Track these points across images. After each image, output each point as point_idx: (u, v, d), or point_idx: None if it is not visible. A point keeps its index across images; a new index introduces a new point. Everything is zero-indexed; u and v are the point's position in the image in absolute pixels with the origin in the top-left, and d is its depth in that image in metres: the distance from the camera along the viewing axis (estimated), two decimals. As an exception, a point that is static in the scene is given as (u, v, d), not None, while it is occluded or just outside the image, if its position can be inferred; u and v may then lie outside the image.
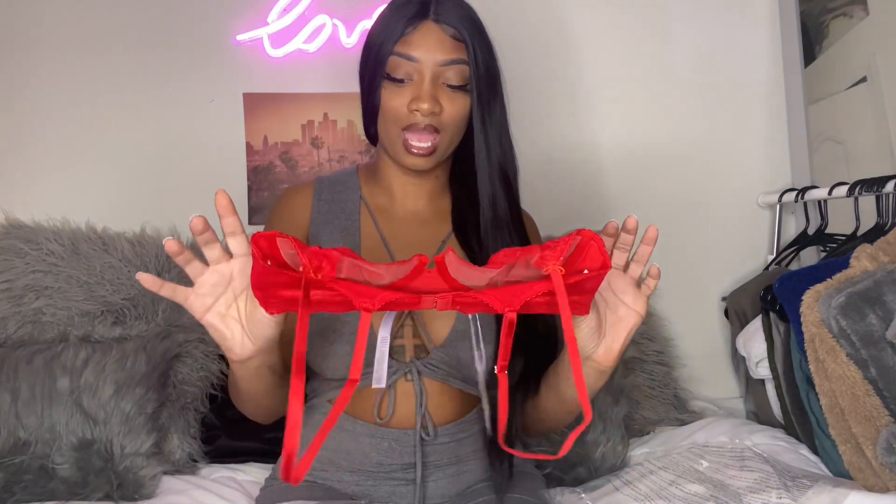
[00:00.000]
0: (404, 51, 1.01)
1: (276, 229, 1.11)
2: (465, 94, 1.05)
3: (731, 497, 1.16)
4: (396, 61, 1.02)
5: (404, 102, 1.02)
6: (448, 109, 1.03)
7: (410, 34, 1.01)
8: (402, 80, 1.02)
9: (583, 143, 1.87)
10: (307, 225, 1.12)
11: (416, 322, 1.06)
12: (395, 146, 1.06)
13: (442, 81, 1.03)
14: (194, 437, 1.47)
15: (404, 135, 1.04)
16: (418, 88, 1.02)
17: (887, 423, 1.10)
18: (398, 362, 1.05)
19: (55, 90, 1.74)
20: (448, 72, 1.03)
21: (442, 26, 1.02)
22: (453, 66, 1.02)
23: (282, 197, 1.17)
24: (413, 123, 1.03)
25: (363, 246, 1.11)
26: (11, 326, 1.50)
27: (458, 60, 1.02)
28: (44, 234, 1.60)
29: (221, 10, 1.78)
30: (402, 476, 1.05)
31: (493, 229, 1.08)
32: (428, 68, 1.02)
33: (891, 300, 1.12)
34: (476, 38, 1.04)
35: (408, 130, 1.04)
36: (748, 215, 1.91)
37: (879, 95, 1.54)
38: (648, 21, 1.89)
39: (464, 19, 1.03)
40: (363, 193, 1.15)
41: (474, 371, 1.05)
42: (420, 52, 1.01)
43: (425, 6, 1.02)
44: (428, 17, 1.02)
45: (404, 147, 1.04)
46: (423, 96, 1.01)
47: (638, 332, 1.66)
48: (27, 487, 1.27)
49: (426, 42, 1.01)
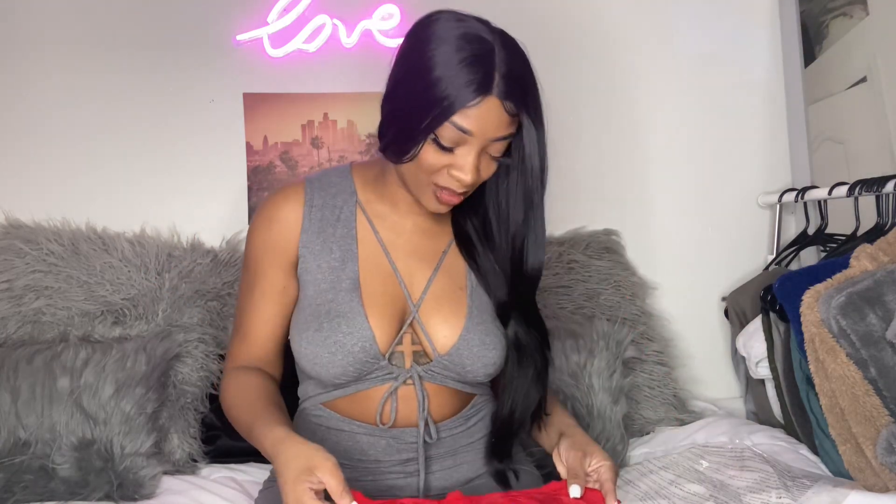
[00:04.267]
0: (461, 123, 0.95)
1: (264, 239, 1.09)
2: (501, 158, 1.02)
3: (730, 497, 1.16)
4: (450, 129, 0.95)
5: (445, 163, 0.98)
6: (484, 173, 1.01)
7: (473, 108, 0.94)
8: (451, 148, 0.97)
9: (582, 142, 1.87)
10: (297, 235, 1.09)
11: (418, 330, 1.07)
12: (420, 189, 1.03)
13: (487, 150, 0.99)
14: (194, 437, 1.47)
15: (435, 187, 1.01)
16: (464, 158, 0.97)
17: (887, 423, 1.10)
18: (398, 369, 1.05)
19: (55, 90, 1.74)
20: (496, 145, 0.99)
21: (504, 103, 0.95)
22: (502, 141, 0.99)
23: (268, 205, 1.12)
24: (448, 187, 1.00)
25: (360, 254, 1.09)
26: (11, 326, 1.50)
27: (509, 136, 0.99)
28: (44, 234, 1.60)
29: (221, 10, 1.78)
30: (400, 470, 1.06)
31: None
32: (479, 143, 0.97)
33: (891, 300, 1.12)
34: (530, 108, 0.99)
35: (440, 188, 1.01)
36: (748, 215, 1.91)
37: (879, 95, 1.54)
38: (648, 21, 1.89)
39: (524, 90, 0.98)
40: (360, 198, 1.12)
41: (477, 375, 1.07)
42: (477, 128, 0.95)
43: (490, 71, 0.94)
44: (492, 91, 0.94)
45: (433, 195, 1.02)
46: (467, 169, 0.97)
47: (638, 332, 1.68)
48: (27, 487, 1.27)
49: (486, 118, 0.95)
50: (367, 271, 1.08)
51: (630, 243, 1.85)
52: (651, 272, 1.85)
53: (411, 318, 1.06)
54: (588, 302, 1.71)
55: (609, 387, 1.46)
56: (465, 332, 1.06)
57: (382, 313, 1.05)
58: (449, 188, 1.00)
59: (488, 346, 1.07)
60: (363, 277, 1.07)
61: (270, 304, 1.10)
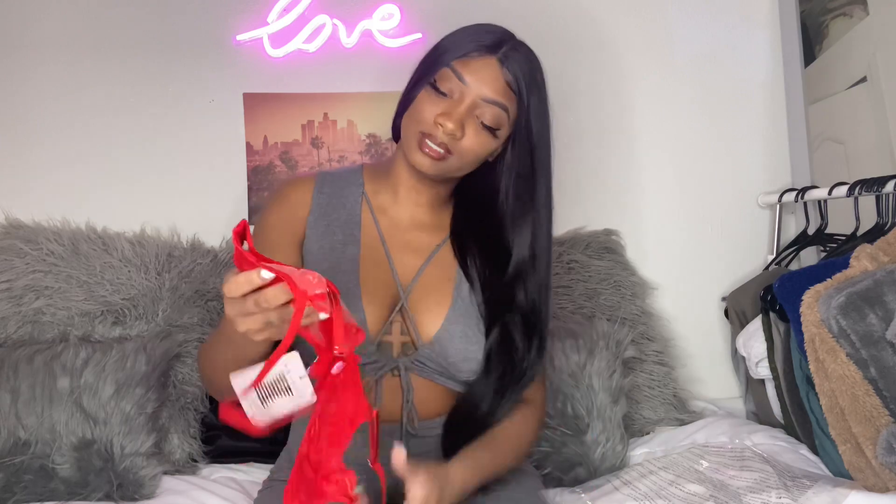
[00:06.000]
0: (459, 69, 1.02)
1: (276, 219, 1.13)
2: (490, 136, 1.05)
3: (730, 497, 1.16)
4: (447, 74, 1.03)
5: (434, 112, 1.03)
6: (469, 139, 1.04)
7: (473, 58, 1.02)
8: (445, 93, 1.03)
9: (581, 143, 1.87)
10: (305, 217, 1.13)
11: (406, 318, 1.07)
12: (409, 140, 1.06)
13: (477, 114, 1.03)
14: (194, 437, 1.47)
15: (420, 135, 1.04)
16: (453, 108, 1.02)
17: (887, 423, 1.10)
18: (385, 358, 1.06)
19: (55, 90, 1.74)
20: (487, 109, 1.03)
21: (503, 69, 1.03)
22: (493, 107, 1.03)
23: (282, 187, 1.17)
24: (432, 134, 1.03)
25: (363, 240, 1.11)
26: (11, 326, 1.50)
27: (500, 104, 1.03)
28: (44, 234, 1.60)
29: (221, 11, 1.78)
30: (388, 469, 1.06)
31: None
32: (470, 96, 1.02)
33: (891, 300, 1.12)
34: (531, 96, 1.05)
35: (425, 135, 1.04)
36: (748, 215, 1.90)
37: (879, 95, 1.54)
38: (648, 21, 1.89)
39: (527, 74, 1.04)
40: (366, 190, 1.16)
41: (460, 370, 1.07)
42: (472, 79, 1.02)
43: (499, 43, 1.04)
44: (496, 54, 1.03)
45: (417, 144, 1.04)
46: (453, 116, 1.01)
47: (638, 332, 1.68)
48: (27, 487, 1.27)
49: (482, 73, 1.02)
50: (366, 257, 1.10)
51: (630, 243, 1.85)
52: (651, 272, 1.85)
53: (400, 306, 1.07)
54: (588, 302, 1.71)
55: (609, 387, 1.46)
56: (447, 321, 1.07)
57: (374, 299, 1.07)
58: (432, 136, 1.03)
59: (470, 339, 1.07)
60: (362, 263, 1.09)
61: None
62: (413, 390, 1.06)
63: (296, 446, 1.12)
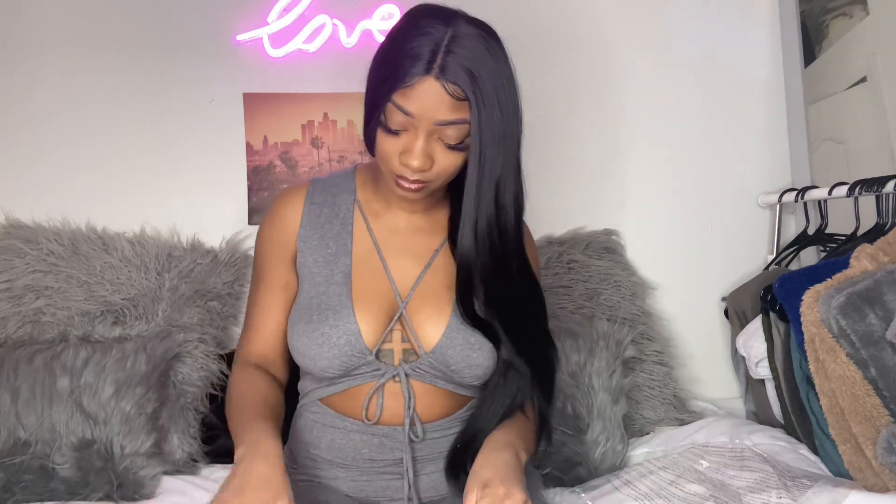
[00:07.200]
0: (401, 103, 0.94)
1: (268, 235, 1.13)
2: (460, 151, 0.98)
3: (730, 497, 1.16)
4: (392, 110, 0.95)
5: (396, 151, 0.98)
6: (439, 163, 0.98)
7: (411, 86, 0.93)
8: (397, 131, 0.97)
9: (582, 143, 1.87)
10: (296, 231, 1.12)
11: (406, 327, 1.06)
12: (386, 176, 1.03)
13: (438, 137, 0.97)
14: (194, 437, 1.47)
15: (392, 174, 1.01)
16: (411, 143, 0.96)
17: (887, 423, 1.10)
18: (386, 365, 1.05)
19: (55, 90, 1.74)
20: (447, 130, 0.96)
21: (444, 83, 0.92)
22: (452, 126, 0.95)
23: (273, 204, 1.16)
24: (402, 174, 0.99)
25: (355, 250, 1.09)
26: (11, 326, 1.50)
27: (457, 121, 0.95)
28: (44, 234, 1.60)
29: (221, 11, 1.78)
30: (394, 470, 1.06)
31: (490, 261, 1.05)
32: (422, 126, 0.95)
33: (891, 300, 1.12)
34: (483, 95, 0.94)
35: (397, 175, 1.00)
36: (748, 215, 1.91)
37: (879, 95, 1.54)
38: (648, 21, 1.89)
39: (471, 74, 0.93)
40: (358, 196, 1.14)
41: (463, 376, 1.05)
42: (416, 108, 0.94)
43: (432, 55, 0.92)
44: (431, 73, 0.92)
45: (394, 182, 1.01)
46: (414, 153, 0.96)
47: (638, 332, 1.68)
48: (27, 487, 1.27)
49: (424, 99, 0.93)
50: (359, 267, 1.08)
51: (630, 243, 1.85)
52: (651, 272, 1.85)
53: (398, 315, 1.06)
54: (588, 302, 1.72)
55: (609, 387, 1.46)
56: (449, 330, 1.05)
57: (371, 309, 1.05)
58: (402, 175, 0.99)
59: (473, 346, 1.04)
60: (355, 273, 1.08)
61: (275, 298, 1.12)
62: (415, 397, 1.05)
63: (296, 445, 1.12)
